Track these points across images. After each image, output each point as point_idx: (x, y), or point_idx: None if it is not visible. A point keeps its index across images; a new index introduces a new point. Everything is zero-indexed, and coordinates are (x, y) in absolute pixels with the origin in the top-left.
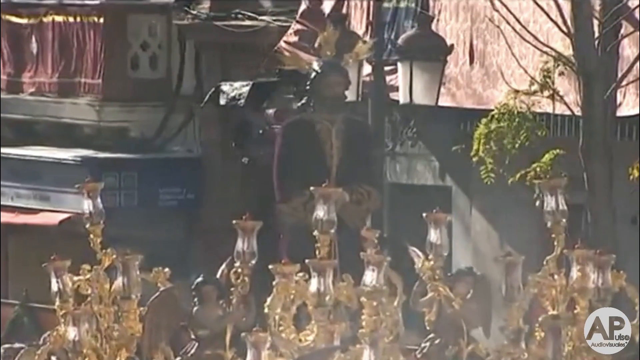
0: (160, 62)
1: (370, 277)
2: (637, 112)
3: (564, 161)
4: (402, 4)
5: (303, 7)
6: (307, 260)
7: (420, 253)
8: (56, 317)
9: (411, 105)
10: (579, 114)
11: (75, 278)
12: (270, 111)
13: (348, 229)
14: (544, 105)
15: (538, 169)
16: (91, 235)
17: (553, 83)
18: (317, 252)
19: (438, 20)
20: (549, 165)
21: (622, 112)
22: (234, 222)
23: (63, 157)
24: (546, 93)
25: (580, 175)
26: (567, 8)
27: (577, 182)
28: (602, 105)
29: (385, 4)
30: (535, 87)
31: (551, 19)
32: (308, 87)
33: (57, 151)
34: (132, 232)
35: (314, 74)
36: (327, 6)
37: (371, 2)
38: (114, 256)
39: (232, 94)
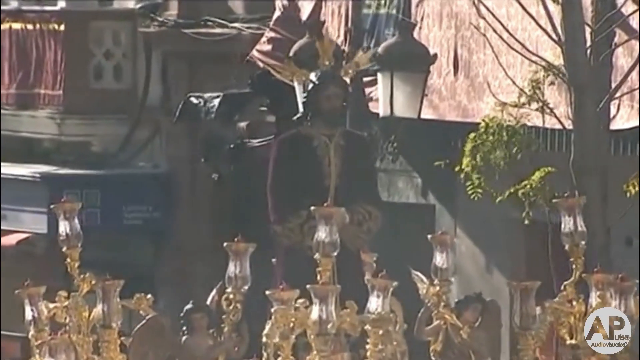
0: (125, 72)
1: (375, 303)
2: (632, 125)
3: (554, 178)
4: (382, 11)
5: (277, 14)
6: (308, 286)
7: (424, 277)
8: (18, 345)
9: (392, 118)
10: (570, 127)
11: (51, 305)
12: (242, 124)
13: (348, 252)
14: (533, 118)
15: (528, 187)
16: (68, 259)
17: (543, 95)
18: (317, 277)
19: (420, 27)
20: (539, 183)
21: (616, 125)
22: (225, 244)
23: (21, 173)
24: (535, 105)
25: (572, 193)
26: (557, 15)
27: None
28: (595, 118)
29: (365, 11)
30: (523, 99)
31: (540, 27)
32: (304, 100)
33: (15, 167)
34: (94, 253)
35: (310, 85)
36: (304, 13)
37: (349, 9)
38: (93, 282)
39: (202, 106)
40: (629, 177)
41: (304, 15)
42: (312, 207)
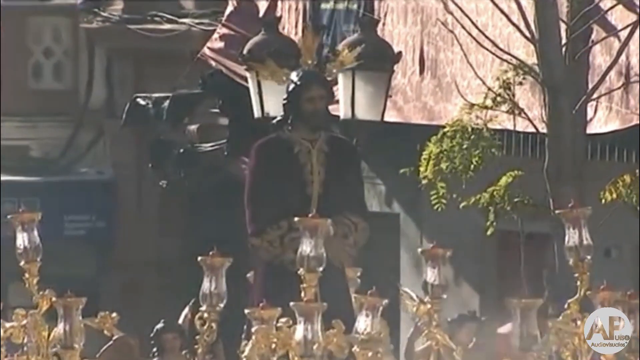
0: (66, 71)
1: (364, 323)
2: (610, 129)
3: (526, 184)
4: (342, 5)
5: (230, 8)
6: (292, 303)
7: (413, 295)
8: None
9: (353, 121)
10: (544, 130)
11: (8, 324)
12: (193, 127)
13: (332, 267)
14: (504, 121)
15: (495, 193)
16: (26, 275)
17: (514, 95)
18: (299, 293)
19: (384, 24)
20: (506, 189)
21: (592, 128)
22: (199, 258)
23: None
24: (505, 107)
25: (546, 201)
26: (530, 11)
27: (543, 208)
28: (570, 121)
29: (323, 5)
30: (490, 100)
31: (512, 23)
32: (285, 102)
33: None
34: None
35: (291, 86)
36: (259, 8)
37: (307, 4)
38: (53, 299)
39: (149, 108)
40: (604, 183)
41: (260, 10)
42: (296, 218)
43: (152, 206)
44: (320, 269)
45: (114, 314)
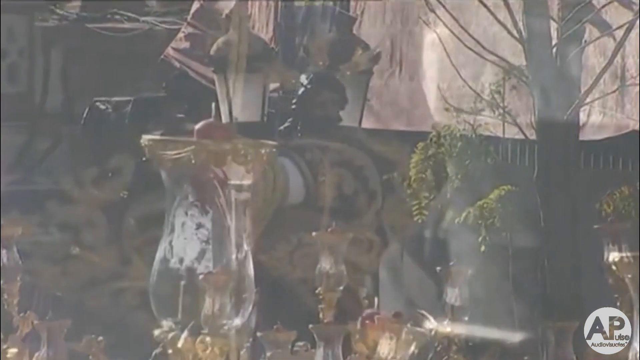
0: (20, 72)
1: (387, 347)
2: (604, 135)
3: (515, 195)
4: (317, 3)
5: (196, 6)
6: (310, 326)
7: (431, 317)
8: None
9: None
10: (534, 137)
11: None
12: (157, 134)
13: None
14: (490, 126)
15: (485, 205)
16: (5, 295)
17: (503, 100)
18: (310, 315)
19: (361, 22)
20: (496, 203)
21: (585, 135)
22: (200, 276)
23: None
24: (494, 112)
25: (536, 213)
26: (518, 8)
27: (533, 220)
28: (562, 127)
29: (296, 3)
30: (479, 104)
31: (499, 21)
32: (294, 106)
33: None
34: None
35: (301, 89)
36: (227, 5)
37: (279, 1)
38: (35, 321)
39: (110, 112)
40: (600, 194)
41: (227, 7)
42: (314, 233)
43: (112, 219)
44: (341, 287)
45: (100, 338)
